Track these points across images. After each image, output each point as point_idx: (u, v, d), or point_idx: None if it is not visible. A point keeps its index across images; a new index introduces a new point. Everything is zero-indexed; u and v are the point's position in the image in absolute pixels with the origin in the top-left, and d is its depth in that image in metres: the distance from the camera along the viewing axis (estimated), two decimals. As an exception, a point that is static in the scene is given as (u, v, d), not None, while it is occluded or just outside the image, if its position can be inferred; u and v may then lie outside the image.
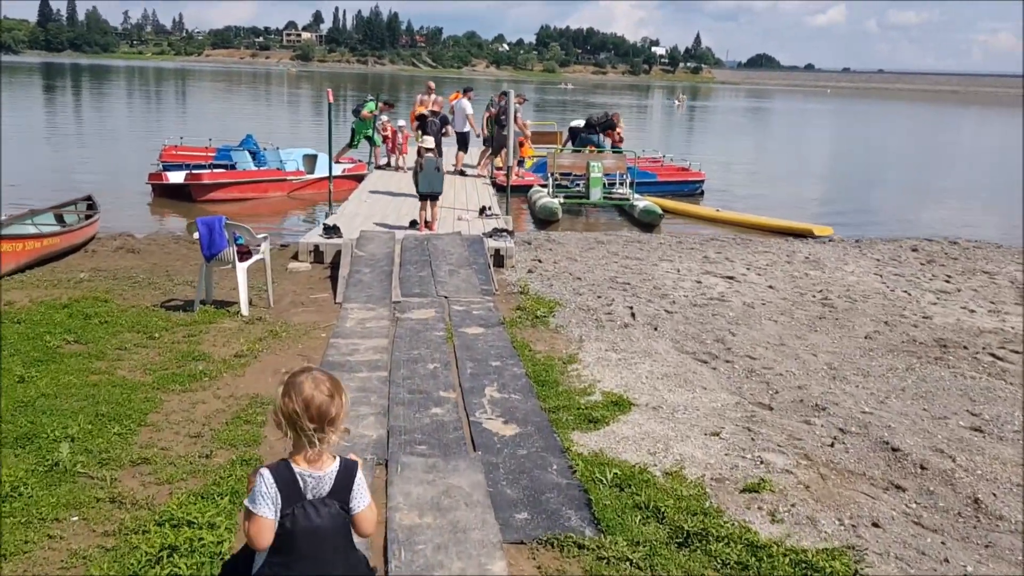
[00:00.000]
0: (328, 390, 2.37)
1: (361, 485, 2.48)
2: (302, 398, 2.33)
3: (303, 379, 2.37)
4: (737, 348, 7.16)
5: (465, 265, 9.92)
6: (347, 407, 2.44)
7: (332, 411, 2.36)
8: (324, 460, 2.42)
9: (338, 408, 2.38)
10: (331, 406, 2.36)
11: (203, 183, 16.06)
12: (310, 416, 2.33)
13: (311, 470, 2.40)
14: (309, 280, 9.65)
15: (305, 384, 2.36)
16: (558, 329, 7.69)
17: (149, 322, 7.35)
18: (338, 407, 2.38)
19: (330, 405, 2.36)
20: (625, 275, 10.26)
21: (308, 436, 2.34)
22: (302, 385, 2.35)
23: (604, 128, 19.10)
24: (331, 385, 2.40)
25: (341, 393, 2.42)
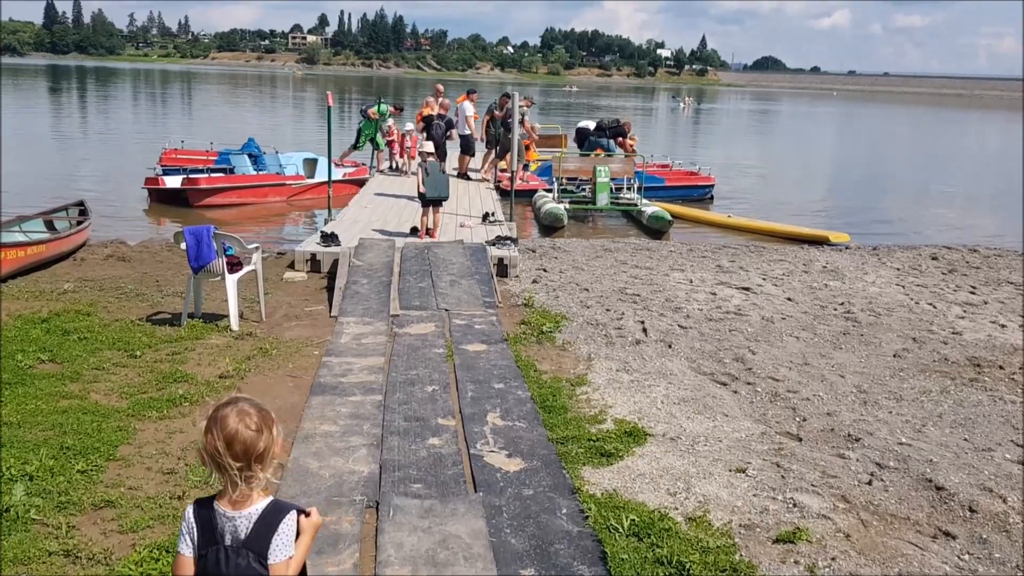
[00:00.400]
0: (255, 424, 2.16)
1: (284, 535, 2.19)
2: (224, 434, 2.13)
3: (227, 412, 2.17)
4: (758, 368, 6.69)
5: (467, 275, 9.47)
6: (279, 440, 2.21)
7: (259, 447, 2.15)
8: (250, 500, 2.19)
9: (267, 443, 2.17)
10: (258, 442, 2.15)
11: (200, 188, 15.64)
12: (233, 454, 2.13)
13: (230, 510, 2.18)
14: (305, 291, 9.21)
15: (229, 418, 2.15)
16: (565, 346, 7.24)
17: (132, 338, 6.91)
18: (267, 442, 2.17)
19: (257, 440, 2.15)
20: (635, 286, 9.80)
21: (231, 476, 2.14)
22: (225, 420, 2.15)
23: (614, 133, 18.66)
24: (259, 418, 2.18)
25: (271, 427, 2.20)
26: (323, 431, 5.06)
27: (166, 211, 15.62)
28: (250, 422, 2.15)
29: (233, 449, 2.12)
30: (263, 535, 2.16)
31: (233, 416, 2.15)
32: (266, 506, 2.20)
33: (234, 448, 2.12)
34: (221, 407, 2.19)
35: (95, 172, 20.28)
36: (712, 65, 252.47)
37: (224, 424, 2.14)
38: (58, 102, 49.73)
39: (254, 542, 2.16)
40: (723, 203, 18.93)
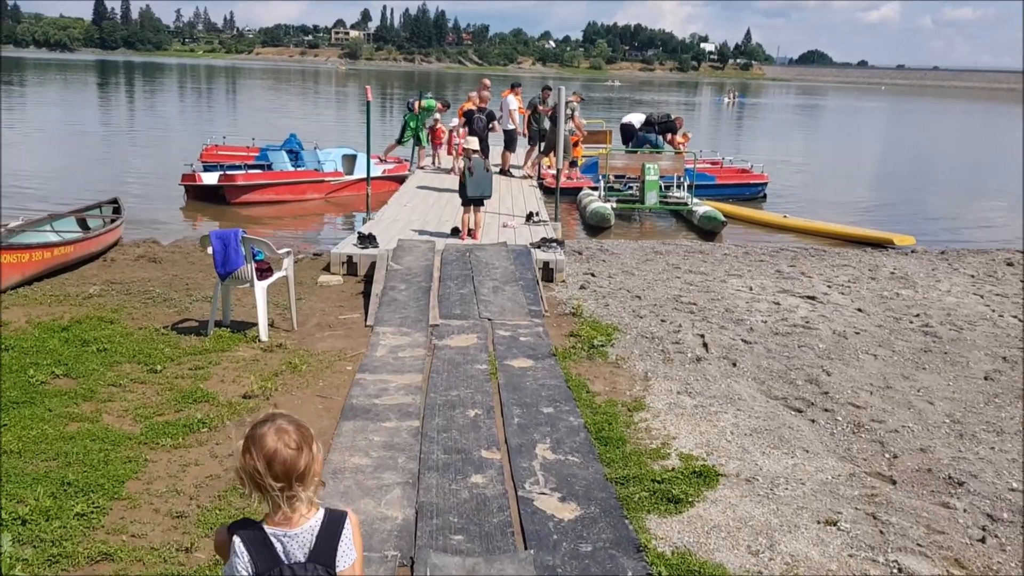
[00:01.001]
0: (295, 442, 2.08)
1: (346, 541, 2.16)
2: (264, 454, 2.06)
3: (265, 431, 2.09)
4: (836, 392, 6.02)
5: (511, 281, 8.90)
6: (319, 458, 2.14)
7: (300, 465, 2.08)
8: (300, 515, 2.13)
9: (308, 461, 2.09)
10: (299, 460, 2.08)
11: (237, 184, 15.28)
12: (274, 474, 2.06)
13: (286, 529, 2.12)
14: (340, 296, 8.72)
15: (267, 437, 2.07)
16: (619, 363, 6.63)
17: (154, 350, 6.46)
18: (307, 460, 2.09)
19: (297, 459, 2.07)
20: (690, 293, 9.15)
21: (274, 497, 2.08)
22: (264, 439, 2.08)
23: (664, 129, 17.92)
24: (298, 436, 2.10)
25: (311, 444, 2.12)
26: (353, 465, 4.53)
27: (202, 208, 15.30)
28: (289, 440, 2.08)
29: (273, 469, 2.05)
30: (328, 546, 2.13)
31: (272, 435, 2.08)
32: (323, 518, 2.15)
33: (274, 468, 2.05)
34: (258, 425, 2.11)
35: (136, 168, 20.11)
36: (757, 59, 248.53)
37: (263, 444, 2.06)
38: (105, 97, 50.21)
39: (320, 555, 2.12)
40: (773, 202, 18.12)
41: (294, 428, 2.11)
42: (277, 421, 2.12)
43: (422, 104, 17.36)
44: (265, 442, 2.06)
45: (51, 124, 30.99)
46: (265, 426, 2.10)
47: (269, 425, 2.10)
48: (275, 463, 2.05)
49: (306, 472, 2.09)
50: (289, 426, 2.11)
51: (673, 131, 17.92)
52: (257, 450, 2.06)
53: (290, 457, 2.05)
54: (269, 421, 2.12)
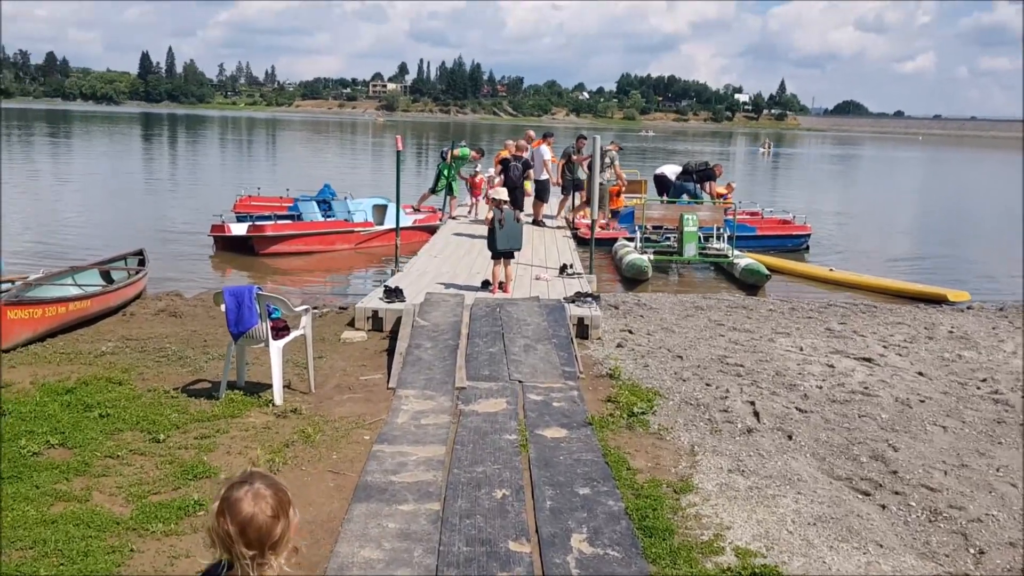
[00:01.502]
0: (272, 508, 1.97)
1: None
2: (238, 520, 1.94)
3: (241, 496, 1.97)
4: (905, 471, 5.38)
5: (544, 339, 8.38)
6: (296, 522, 2.03)
7: (276, 534, 1.98)
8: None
9: (284, 529, 1.99)
10: (274, 528, 1.97)
11: (265, 235, 15.04)
12: (247, 541, 1.95)
13: None
14: (363, 354, 8.26)
15: (243, 503, 1.96)
16: (661, 433, 6.05)
17: (159, 416, 6.02)
18: (284, 528, 1.99)
19: (273, 527, 1.97)
20: (736, 354, 8.55)
21: (244, 565, 1.95)
22: (239, 504, 1.95)
23: (702, 177, 17.42)
24: (276, 502, 1.98)
25: (288, 511, 2.01)
26: (363, 559, 4.00)
27: (231, 259, 15.06)
28: (266, 507, 1.96)
29: (247, 536, 1.94)
30: None
31: (248, 500, 1.96)
32: None
33: (248, 535, 1.94)
34: (235, 487, 1.99)
35: (170, 218, 20.04)
36: (791, 109, 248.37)
37: (238, 509, 1.94)
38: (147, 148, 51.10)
39: None
40: (814, 253, 17.48)
41: (272, 493, 1.98)
42: (255, 484, 1.99)
43: (455, 153, 17.12)
44: (240, 507, 1.94)
45: (92, 175, 31.40)
46: (242, 489, 1.97)
47: (247, 489, 1.98)
48: (249, 530, 1.93)
49: (280, 540, 1.98)
50: (267, 491, 1.98)
51: (712, 179, 17.42)
52: (232, 514, 1.94)
53: (266, 525, 1.94)
54: (247, 483, 1.99)
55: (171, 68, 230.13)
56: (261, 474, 2.05)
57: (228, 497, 1.98)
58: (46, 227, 17.99)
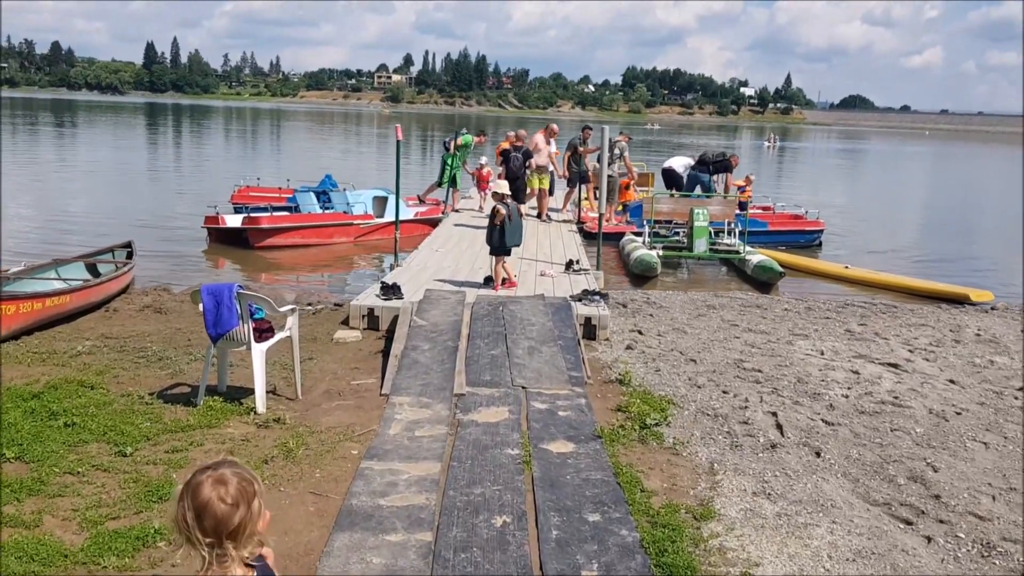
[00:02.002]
0: (232, 497, 1.89)
1: None
2: (195, 504, 1.87)
3: (202, 480, 1.90)
4: (949, 495, 4.87)
5: (549, 340, 7.87)
6: (263, 516, 1.94)
7: (233, 522, 1.88)
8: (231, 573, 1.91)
9: (243, 519, 1.90)
10: (232, 516, 1.88)
11: (261, 227, 14.53)
12: (203, 528, 1.87)
13: None
14: (356, 356, 7.76)
15: (203, 487, 1.89)
16: (677, 448, 5.54)
17: (130, 425, 5.52)
18: (243, 517, 1.90)
19: (231, 515, 1.88)
20: (753, 357, 8.03)
21: (201, 552, 1.88)
22: (199, 488, 1.89)
23: (718, 168, 16.80)
24: (237, 490, 1.90)
25: (251, 500, 1.91)
26: (341, 602, 3.50)
27: (225, 252, 14.55)
28: (225, 493, 1.88)
29: (203, 523, 1.87)
30: None
31: (208, 485, 1.90)
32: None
33: (204, 522, 1.87)
34: (200, 472, 1.94)
35: (167, 208, 19.51)
36: (797, 103, 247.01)
37: (197, 493, 1.89)
38: (150, 138, 50.59)
39: None
40: (830, 250, 16.94)
41: (236, 480, 1.92)
42: (220, 470, 1.94)
43: (459, 142, 16.58)
44: (200, 492, 1.89)
45: (90, 164, 30.91)
46: (205, 474, 1.93)
47: (209, 474, 1.93)
48: (205, 516, 1.87)
49: (239, 530, 1.90)
50: (232, 477, 1.92)
51: (728, 170, 16.82)
52: (190, 499, 1.89)
53: (222, 512, 1.88)
54: (211, 469, 1.95)
55: (176, 58, 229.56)
56: (231, 462, 1.98)
57: (190, 482, 1.92)
58: (38, 217, 17.52)
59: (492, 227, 9.65)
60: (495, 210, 9.70)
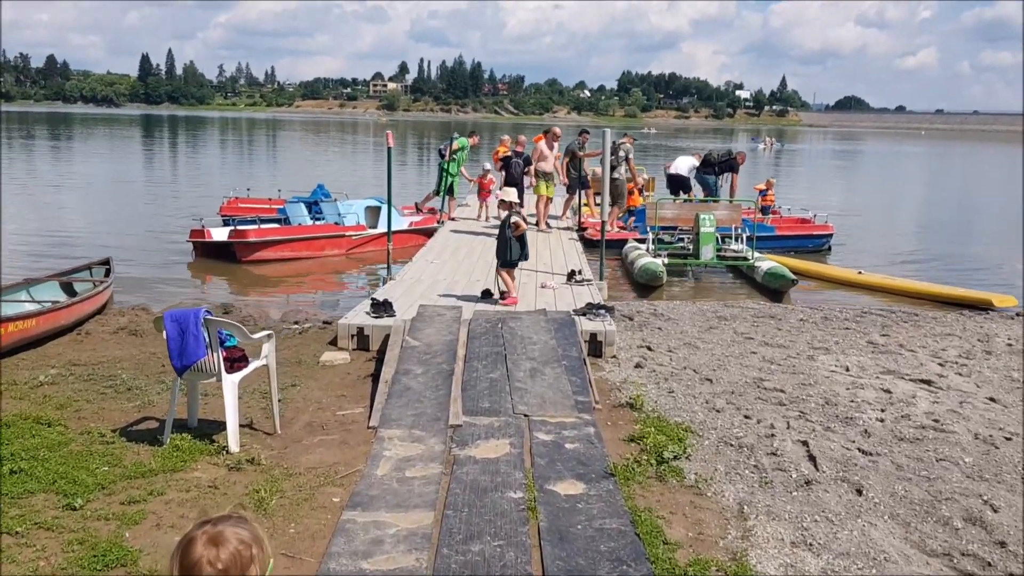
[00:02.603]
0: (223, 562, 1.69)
1: None
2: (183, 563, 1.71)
3: (198, 536, 1.72)
4: (1015, 542, 4.25)
5: (552, 360, 7.27)
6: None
7: None
8: None
9: None
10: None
11: (248, 241, 13.92)
12: None
13: None
14: (344, 381, 7.15)
15: (195, 545, 1.71)
16: (700, 486, 4.93)
17: (85, 470, 4.91)
18: None
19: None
20: (773, 375, 7.43)
21: None
22: (191, 546, 1.71)
23: (724, 168, 16.12)
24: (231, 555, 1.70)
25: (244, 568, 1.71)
26: None
27: (211, 267, 13.96)
28: (216, 557, 1.69)
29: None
30: None
31: (201, 543, 1.71)
32: None
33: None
34: (199, 525, 1.76)
35: (153, 221, 18.87)
36: (793, 106, 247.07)
37: (188, 551, 1.71)
38: (144, 149, 49.99)
39: None
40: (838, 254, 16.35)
41: (234, 543, 1.72)
42: (220, 526, 1.74)
43: (454, 147, 15.99)
44: (191, 550, 1.71)
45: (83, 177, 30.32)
46: (204, 528, 1.73)
47: (207, 529, 1.73)
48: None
49: None
50: (230, 538, 1.72)
51: (735, 170, 16.12)
52: (179, 556, 1.72)
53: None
54: (212, 524, 1.75)
55: (171, 70, 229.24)
56: (238, 517, 1.80)
57: (188, 536, 1.75)
58: (19, 232, 16.90)
59: (508, 239, 9.07)
60: (514, 222, 9.13)
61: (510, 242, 9.11)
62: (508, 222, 9.15)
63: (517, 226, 9.14)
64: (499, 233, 9.35)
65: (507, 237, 9.12)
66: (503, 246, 9.18)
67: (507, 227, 9.15)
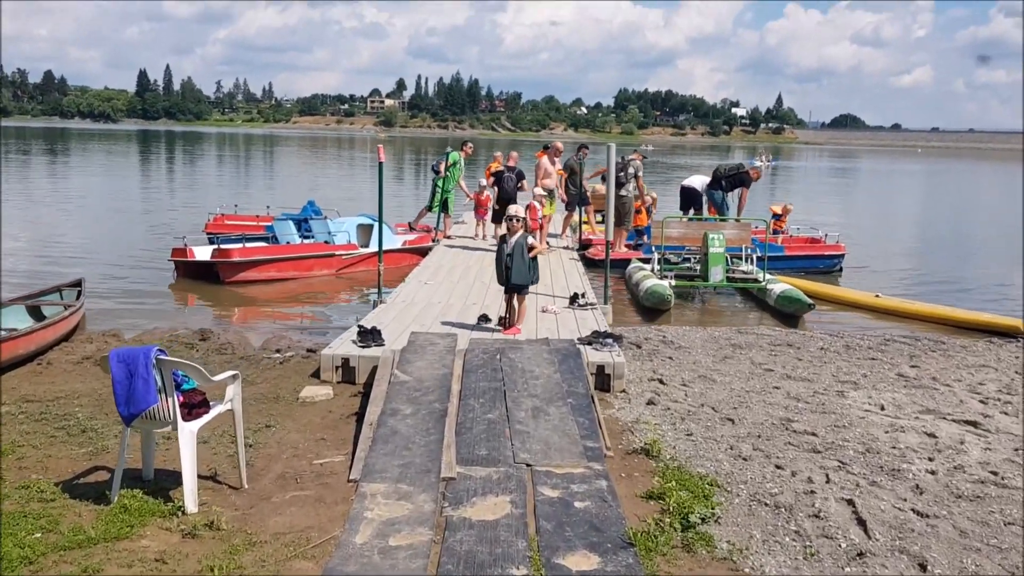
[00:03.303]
0: None
1: None
2: None
3: None
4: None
5: (557, 398, 6.55)
6: None
7: None
8: None
9: None
10: None
11: (232, 261, 13.19)
12: None
13: None
14: (325, 421, 6.43)
15: None
16: (734, 558, 4.21)
17: (13, 538, 4.16)
18: None
19: None
20: (802, 415, 6.71)
21: None
22: None
23: (733, 184, 15.36)
24: None
25: None
26: None
27: (194, 288, 13.22)
28: None
29: None
30: None
31: None
32: None
33: None
34: None
35: (137, 239, 18.12)
36: (789, 123, 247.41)
37: None
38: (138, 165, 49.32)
39: None
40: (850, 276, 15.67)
41: None
42: None
43: (448, 163, 15.32)
44: None
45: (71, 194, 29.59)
46: None
47: None
48: None
49: None
50: None
51: (746, 184, 15.33)
52: None
53: None
54: None
55: (168, 86, 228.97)
56: None
57: None
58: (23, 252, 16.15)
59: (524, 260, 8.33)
60: (530, 244, 8.43)
61: (525, 264, 8.36)
62: (518, 242, 8.40)
63: (532, 248, 8.44)
64: (498, 254, 8.65)
65: (520, 258, 8.37)
66: (516, 268, 8.40)
67: (511, 247, 8.40)
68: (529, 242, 8.44)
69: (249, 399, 6.83)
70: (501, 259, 8.46)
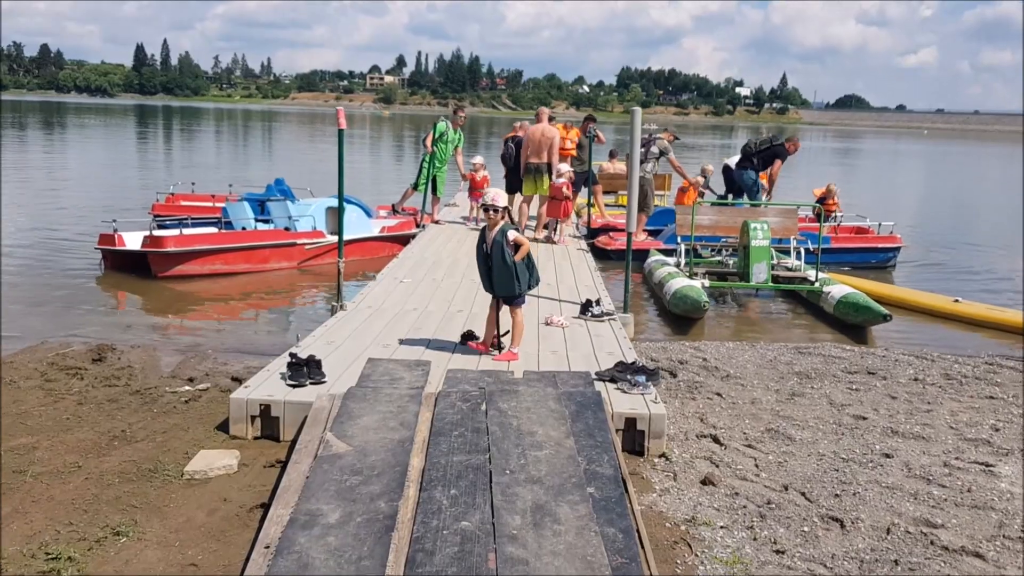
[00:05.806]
0: None
1: None
2: None
3: None
4: None
5: (571, 485, 4.23)
6: None
7: None
8: None
9: None
10: None
11: (165, 251, 10.79)
12: None
13: None
14: (213, 518, 4.14)
15: None
16: None
17: None
18: None
19: None
20: (943, 509, 4.41)
21: None
22: None
23: (767, 161, 12.79)
24: None
25: None
26: None
27: (125, 283, 10.85)
28: None
29: None
30: None
31: None
32: None
33: None
34: None
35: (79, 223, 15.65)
36: (793, 103, 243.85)
37: None
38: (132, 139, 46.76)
39: None
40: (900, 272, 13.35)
41: None
42: None
43: (434, 136, 12.94)
44: None
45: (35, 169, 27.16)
46: None
47: None
48: None
49: None
50: None
51: (782, 157, 12.70)
52: None
53: None
54: None
55: (166, 61, 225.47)
56: None
57: None
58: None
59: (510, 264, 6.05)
60: (513, 240, 6.09)
61: (509, 268, 6.08)
62: (496, 240, 6.12)
63: (517, 246, 6.11)
64: (478, 254, 6.34)
65: (501, 261, 6.09)
66: (499, 275, 6.15)
67: (490, 245, 6.13)
68: (511, 236, 6.10)
69: (112, 471, 4.56)
70: (481, 261, 6.19)
